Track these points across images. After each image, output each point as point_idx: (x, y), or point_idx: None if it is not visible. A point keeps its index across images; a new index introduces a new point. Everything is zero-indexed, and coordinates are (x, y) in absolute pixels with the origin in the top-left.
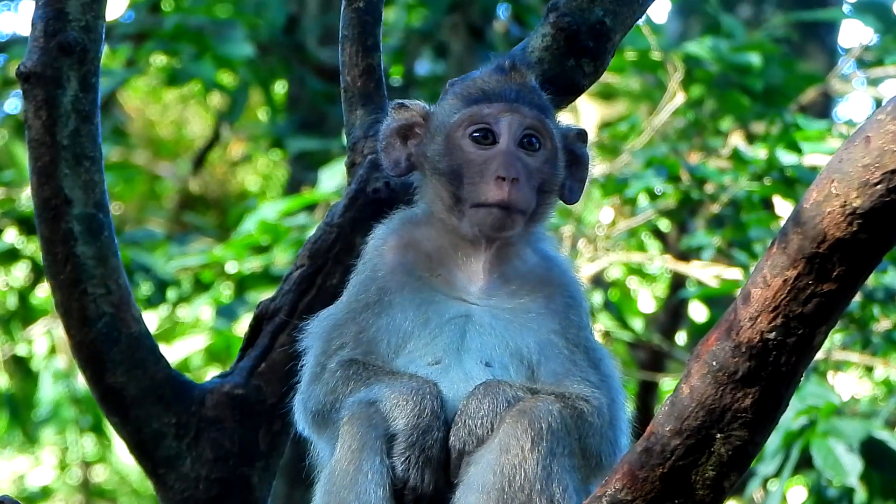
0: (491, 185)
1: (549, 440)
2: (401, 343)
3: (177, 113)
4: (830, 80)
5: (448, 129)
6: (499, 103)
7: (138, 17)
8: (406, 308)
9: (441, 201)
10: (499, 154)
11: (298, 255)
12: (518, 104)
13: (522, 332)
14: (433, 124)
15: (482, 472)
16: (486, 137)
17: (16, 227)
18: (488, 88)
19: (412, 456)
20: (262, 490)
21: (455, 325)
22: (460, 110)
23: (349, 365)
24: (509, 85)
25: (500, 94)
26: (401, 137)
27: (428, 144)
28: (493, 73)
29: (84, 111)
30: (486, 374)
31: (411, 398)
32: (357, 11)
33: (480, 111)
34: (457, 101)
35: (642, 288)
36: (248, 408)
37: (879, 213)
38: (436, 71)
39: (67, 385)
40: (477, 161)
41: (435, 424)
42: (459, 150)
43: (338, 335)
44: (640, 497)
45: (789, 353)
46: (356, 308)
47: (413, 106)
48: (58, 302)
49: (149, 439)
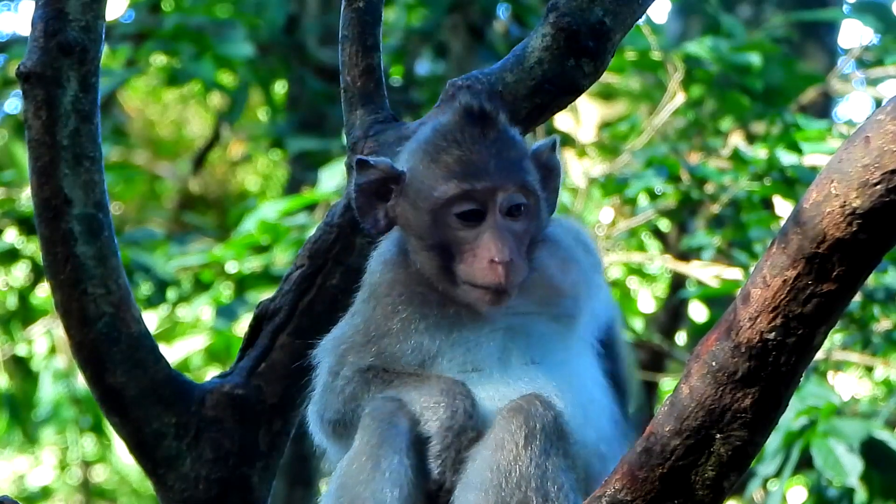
0: (485, 268)
1: (542, 439)
2: (427, 363)
3: (177, 113)
4: (830, 80)
5: (431, 204)
6: (485, 182)
7: (138, 17)
8: (434, 333)
9: (430, 268)
10: (489, 232)
11: (298, 255)
12: (503, 178)
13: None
14: (411, 189)
15: (479, 469)
16: (474, 215)
17: (16, 227)
18: (468, 159)
19: (448, 458)
20: (262, 490)
21: (490, 337)
22: (441, 184)
23: (367, 369)
24: (488, 149)
25: (484, 168)
26: (374, 195)
27: (408, 211)
28: (465, 125)
29: (84, 111)
30: (531, 372)
31: (443, 399)
32: (357, 11)
33: (466, 191)
34: (436, 168)
35: (642, 288)
36: (248, 408)
37: (879, 214)
38: (436, 71)
39: (67, 385)
40: (467, 239)
41: (469, 425)
42: (447, 228)
43: (353, 352)
44: (640, 497)
45: (789, 353)
46: (375, 334)
47: (380, 165)
48: (58, 302)
49: (149, 439)
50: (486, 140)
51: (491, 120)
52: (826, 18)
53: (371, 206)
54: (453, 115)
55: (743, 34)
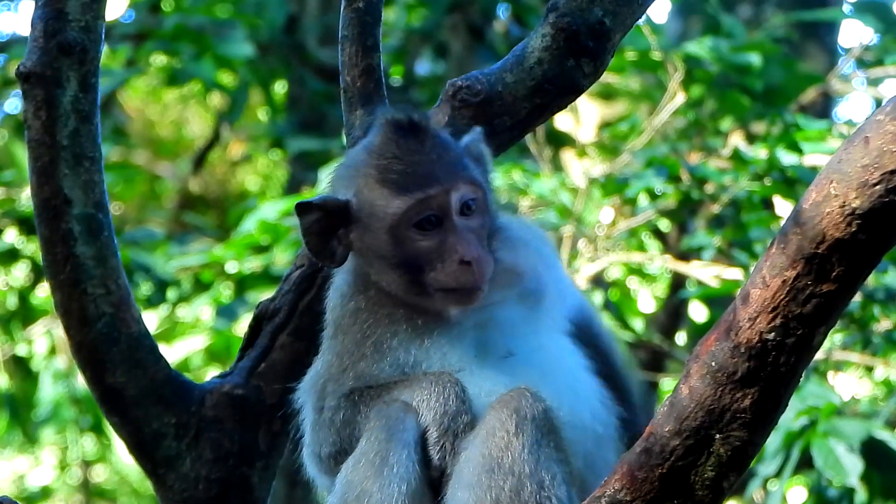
0: (456, 270)
1: (532, 429)
2: (408, 371)
3: (177, 113)
4: (830, 80)
5: (388, 223)
6: (435, 187)
7: (138, 17)
8: (408, 346)
9: (398, 285)
10: (450, 236)
11: (298, 255)
12: (451, 178)
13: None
14: (362, 214)
15: (471, 458)
16: (431, 222)
17: (16, 227)
18: (413, 170)
19: (447, 443)
20: (261, 490)
21: (463, 336)
22: (394, 201)
23: (351, 393)
24: (428, 155)
25: (430, 174)
26: (324, 233)
27: (364, 236)
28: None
29: (84, 111)
30: (510, 364)
31: (433, 388)
32: (357, 11)
33: (420, 200)
34: (384, 188)
35: (642, 288)
36: (248, 408)
37: (878, 214)
38: (436, 71)
39: (67, 385)
40: (430, 248)
41: (462, 409)
42: (409, 241)
43: (333, 383)
44: (640, 497)
45: (788, 353)
46: (349, 362)
47: (320, 202)
48: (58, 302)
49: (149, 439)
50: (423, 148)
51: (422, 128)
52: (826, 18)
53: (325, 243)
54: (383, 133)
55: (743, 34)
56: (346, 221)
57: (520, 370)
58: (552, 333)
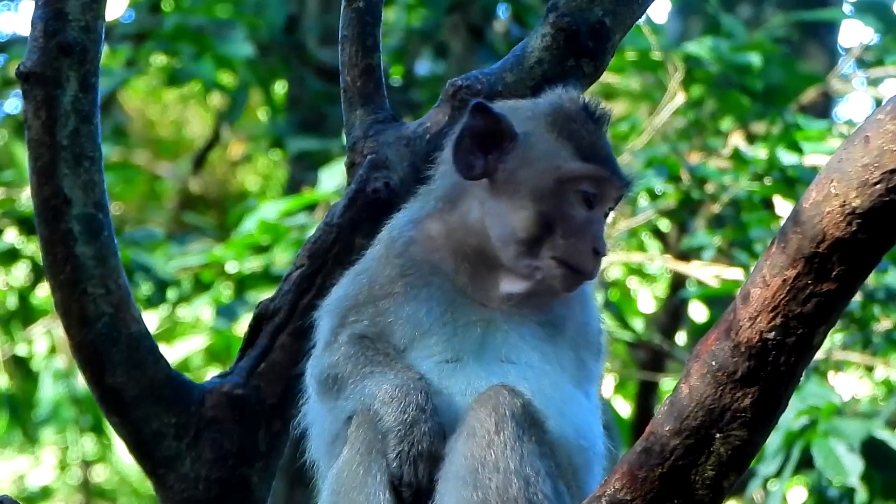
0: (584, 252)
1: (512, 426)
2: (416, 337)
3: (177, 113)
4: (830, 80)
5: (559, 174)
6: (614, 175)
7: (138, 17)
8: (431, 305)
9: (520, 229)
10: (597, 224)
11: (298, 255)
12: (620, 177)
13: (538, 341)
14: (531, 153)
15: (456, 460)
16: (590, 200)
17: (16, 227)
18: (600, 149)
19: (402, 451)
20: (261, 490)
21: (476, 328)
22: (576, 160)
23: (358, 341)
24: (608, 146)
25: (610, 161)
26: (478, 143)
27: (521, 172)
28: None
29: (84, 111)
30: (506, 370)
31: (395, 394)
32: (357, 11)
33: (599, 175)
34: (570, 144)
35: (642, 288)
36: (248, 408)
37: (879, 213)
38: (436, 71)
39: (67, 385)
40: (576, 220)
41: (420, 417)
42: (564, 201)
43: (354, 312)
44: (640, 497)
45: (789, 352)
46: (378, 294)
47: (499, 115)
48: (58, 302)
49: (148, 439)
50: (605, 138)
51: (607, 120)
52: (826, 18)
53: (471, 151)
54: (571, 104)
55: (743, 34)
56: (502, 149)
57: (511, 377)
58: (555, 365)
